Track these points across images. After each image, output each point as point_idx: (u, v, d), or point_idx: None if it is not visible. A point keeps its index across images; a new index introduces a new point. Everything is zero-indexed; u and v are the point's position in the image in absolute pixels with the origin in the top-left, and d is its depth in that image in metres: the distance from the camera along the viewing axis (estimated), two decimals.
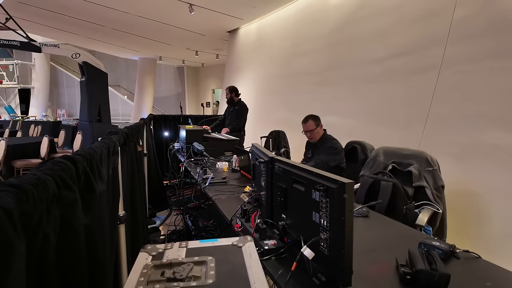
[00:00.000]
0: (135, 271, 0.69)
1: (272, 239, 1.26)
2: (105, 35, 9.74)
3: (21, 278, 0.43)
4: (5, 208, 0.40)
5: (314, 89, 5.42)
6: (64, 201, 0.61)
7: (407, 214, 1.88)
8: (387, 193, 2.01)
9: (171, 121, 5.37)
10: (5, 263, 0.39)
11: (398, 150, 2.27)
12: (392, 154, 2.28)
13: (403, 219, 1.83)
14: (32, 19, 8.45)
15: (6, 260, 0.39)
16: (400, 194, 1.96)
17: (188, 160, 3.13)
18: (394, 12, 3.98)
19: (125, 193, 1.44)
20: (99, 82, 7.83)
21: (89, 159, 0.79)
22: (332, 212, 0.94)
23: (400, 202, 1.94)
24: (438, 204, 1.93)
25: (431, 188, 1.98)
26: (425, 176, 2.02)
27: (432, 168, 2.03)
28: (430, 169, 2.03)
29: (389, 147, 2.37)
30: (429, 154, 2.09)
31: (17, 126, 9.87)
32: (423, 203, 1.94)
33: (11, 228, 0.40)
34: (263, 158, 1.46)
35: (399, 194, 1.97)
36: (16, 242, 0.41)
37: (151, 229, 3.47)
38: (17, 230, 0.42)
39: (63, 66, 16.57)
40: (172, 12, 7.14)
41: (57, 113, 15.54)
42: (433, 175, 2.02)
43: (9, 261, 0.39)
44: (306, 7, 5.81)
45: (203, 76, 16.49)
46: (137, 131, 2.15)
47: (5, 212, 0.40)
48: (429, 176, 2.01)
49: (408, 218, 1.87)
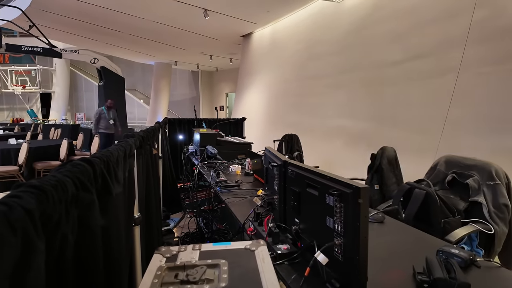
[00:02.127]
0: (150, 273, 0.70)
1: (285, 244, 1.25)
2: (123, 40, 10.01)
3: (41, 276, 0.44)
4: (26, 208, 0.41)
5: (327, 92, 5.38)
6: (82, 203, 0.63)
7: (446, 228, 1.71)
8: (417, 201, 1.84)
9: (185, 124, 5.44)
10: (26, 262, 0.40)
11: (461, 160, 2.06)
12: (454, 163, 2.08)
13: (441, 233, 1.66)
14: (54, 26, 8.77)
15: (27, 258, 0.40)
16: (435, 205, 1.78)
17: (202, 163, 3.15)
18: (410, 14, 3.92)
19: (140, 195, 1.46)
20: (116, 87, 8.05)
21: (106, 162, 0.81)
22: (346, 217, 0.93)
23: (436, 214, 1.77)
24: (496, 224, 1.71)
25: (489, 205, 1.76)
26: (485, 190, 1.81)
27: (493, 182, 1.79)
28: (491, 183, 1.81)
29: (452, 155, 2.15)
30: (496, 166, 1.85)
31: (38, 129, 10.22)
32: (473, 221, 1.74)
33: (32, 227, 0.41)
34: (276, 162, 1.46)
35: (434, 205, 1.79)
36: (37, 241, 0.42)
37: (165, 231, 3.51)
38: (37, 229, 0.43)
39: (82, 71, 17.08)
40: (187, 18, 7.26)
41: (76, 117, 16.00)
42: (494, 190, 1.78)
43: (29, 259, 0.40)
44: (320, 11, 5.79)
45: (217, 80, 16.66)
46: (152, 135, 2.19)
47: (26, 212, 0.41)
48: (489, 191, 1.80)
49: (446, 232, 1.69)
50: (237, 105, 8.85)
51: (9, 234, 0.36)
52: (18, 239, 0.38)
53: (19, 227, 0.39)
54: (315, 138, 5.35)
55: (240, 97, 8.74)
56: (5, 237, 0.36)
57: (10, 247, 0.36)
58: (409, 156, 3.65)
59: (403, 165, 2.62)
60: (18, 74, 15.32)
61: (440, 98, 3.35)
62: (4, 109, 16.30)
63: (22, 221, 0.40)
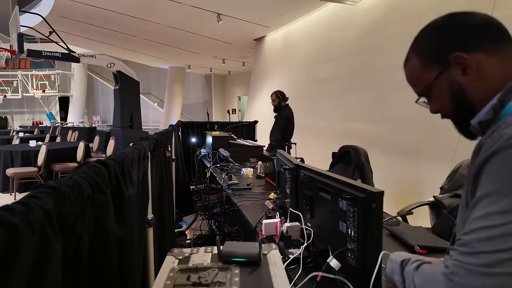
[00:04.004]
0: (162, 274, 0.71)
1: (297, 248, 1.24)
2: (138, 45, 10.23)
3: (57, 275, 0.45)
4: (44, 208, 0.42)
5: (340, 95, 5.33)
6: (97, 204, 0.64)
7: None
8: None
9: (198, 127, 5.49)
10: (44, 261, 0.41)
11: None
12: None
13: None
14: (72, 32, 9.06)
15: (44, 258, 0.41)
16: None
17: (214, 166, 3.17)
18: (426, 15, 3.82)
19: (154, 197, 1.48)
20: (131, 90, 8.19)
21: (121, 164, 0.82)
22: (360, 222, 0.91)
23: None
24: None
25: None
26: None
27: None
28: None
29: None
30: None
31: (57, 131, 10.52)
32: None
33: (49, 227, 0.43)
34: (288, 165, 1.45)
35: None
36: (54, 241, 0.43)
37: (177, 233, 3.54)
38: (54, 229, 0.44)
39: (99, 75, 17.53)
40: (200, 22, 7.36)
41: (92, 120, 16.42)
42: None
43: (47, 259, 0.41)
44: (333, 13, 5.76)
45: (230, 83, 16.78)
46: (166, 137, 2.22)
47: (44, 212, 0.42)
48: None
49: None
50: (249, 108, 8.87)
51: (27, 233, 0.37)
52: (36, 238, 0.39)
53: (38, 227, 0.40)
54: (327, 141, 5.30)
55: (252, 100, 8.76)
56: (24, 236, 0.37)
57: (28, 246, 0.37)
58: (424, 160, 3.56)
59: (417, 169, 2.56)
60: (38, 78, 15.86)
61: None
62: (25, 112, 16.90)
63: (40, 221, 0.41)
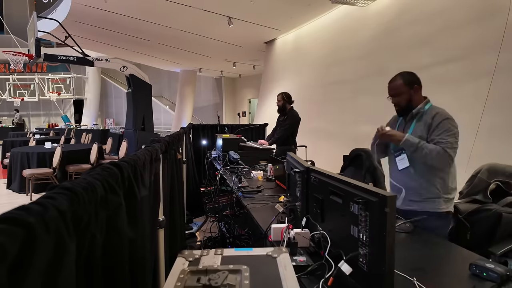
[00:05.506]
0: (173, 276, 0.71)
1: (302, 256, 1.21)
2: (150, 49, 10.39)
3: (72, 275, 0.46)
4: (59, 209, 0.43)
5: (352, 97, 5.28)
6: (110, 205, 0.65)
7: None
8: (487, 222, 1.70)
9: (208, 130, 5.53)
10: (58, 260, 0.42)
11: (506, 168, 1.96)
12: (497, 172, 1.99)
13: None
14: (87, 36, 9.28)
15: (59, 257, 0.42)
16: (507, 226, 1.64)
17: (224, 168, 3.18)
18: (440, 17, 3.78)
19: (165, 198, 1.49)
20: (144, 93, 8.30)
21: (134, 166, 0.83)
22: (372, 226, 0.90)
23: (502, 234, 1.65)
24: None
25: None
26: None
27: None
28: None
29: (496, 164, 2.05)
30: None
31: (71, 133, 10.76)
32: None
33: (64, 228, 0.43)
34: (299, 168, 1.44)
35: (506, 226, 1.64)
36: (68, 241, 0.44)
37: (188, 234, 3.56)
38: (69, 229, 0.45)
39: (112, 79, 17.88)
40: (212, 26, 7.43)
41: (105, 122, 16.72)
42: None
43: (61, 258, 0.42)
44: (344, 15, 5.73)
45: (240, 86, 16.85)
46: (177, 140, 2.24)
47: (59, 213, 0.43)
48: None
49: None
50: (259, 111, 8.88)
51: (43, 233, 0.38)
52: (51, 237, 0.40)
53: (53, 227, 0.41)
54: (338, 144, 5.25)
55: (263, 103, 8.77)
56: (40, 235, 0.37)
57: (44, 245, 0.38)
58: None
59: None
60: (54, 82, 16.30)
61: (472, 103, 3.19)
62: (41, 115, 17.37)
63: (55, 221, 0.41)
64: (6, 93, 15.84)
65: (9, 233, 0.33)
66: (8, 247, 0.32)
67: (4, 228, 0.34)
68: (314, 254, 1.24)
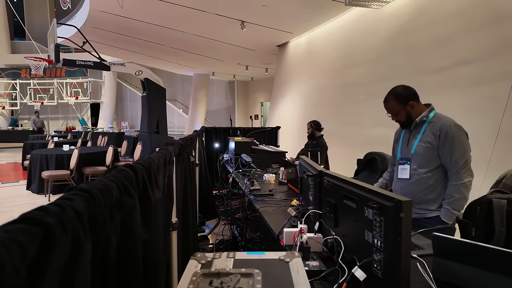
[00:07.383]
0: (185, 278, 0.71)
1: (315, 261, 1.21)
2: (164, 53, 10.57)
3: (87, 274, 0.47)
4: (76, 210, 0.44)
5: (366, 100, 5.21)
6: (125, 206, 0.66)
7: None
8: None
9: (221, 133, 5.56)
10: (75, 260, 0.42)
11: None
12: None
13: None
14: (104, 42, 9.53)
15: (75, 257, 0.43)
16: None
17: (236, 171, 3.19)
18: (457, 18, 3.70)
19: (178, 201, 1.51)
20: (158, 97, 8.45)
21: (148, 168, 0.84)
22: (387, 232, 0.88)
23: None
24: None
25: None
26: None
27: None
28: None
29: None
30: None
31: (88, 136, 11.04)
32: None
33: (81, 228, 0.44)
34: (312, 172, 1.43)
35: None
36: (84, 241, 0.45)
37: (200, 237, 3.58)
38: (85, 230, 0.46)
39: (128, 83, 18.27)
40: (224, 30, 7.50)
41: (121, 125, 17.08)
42: None
43: (78, 258, 0.43)
44: (358, 18, 5.67)
45: (252, 89, 16.91)
46: (190, 143, 2.26)
47: (76, 214, 0.44)
48: None
49: None
50: (271, 114, 8.88)
51: (61, 233, 0.39)
52: (68, 238, 0.41)
53: (70, 227, 0.42)
54: (352, 147, 5.19)
55: (275, 106, 8.76)
56: (58, 235, 0.38)
57: (61, 245, 0.39)
58: None
59: None
60: (72, 86, 16.79)
61: (492, 106, 3.09)
62: (59, 118, 17.90)
63: (72, 222, 0.42)
64: (27, 97, 16.42)
65: (28, 232, 0.34)
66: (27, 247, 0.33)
67: (23, 228, 0.34)
68: (327, 259, 1.22)
